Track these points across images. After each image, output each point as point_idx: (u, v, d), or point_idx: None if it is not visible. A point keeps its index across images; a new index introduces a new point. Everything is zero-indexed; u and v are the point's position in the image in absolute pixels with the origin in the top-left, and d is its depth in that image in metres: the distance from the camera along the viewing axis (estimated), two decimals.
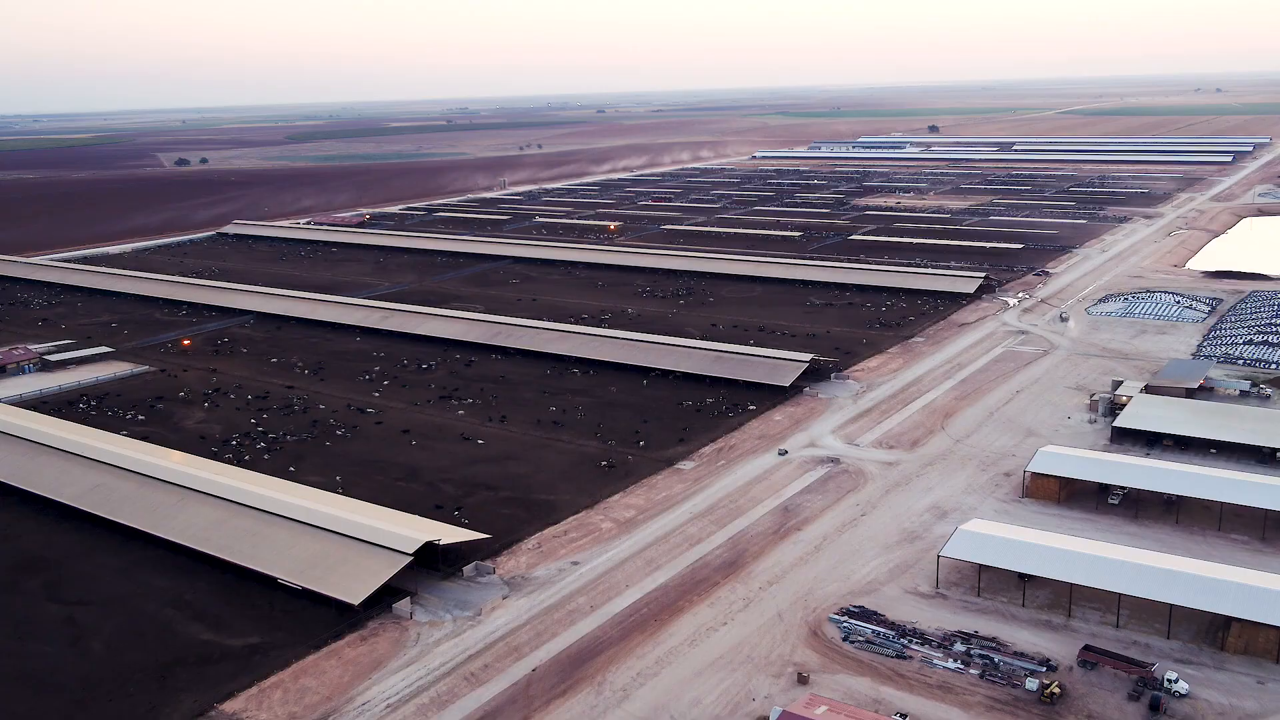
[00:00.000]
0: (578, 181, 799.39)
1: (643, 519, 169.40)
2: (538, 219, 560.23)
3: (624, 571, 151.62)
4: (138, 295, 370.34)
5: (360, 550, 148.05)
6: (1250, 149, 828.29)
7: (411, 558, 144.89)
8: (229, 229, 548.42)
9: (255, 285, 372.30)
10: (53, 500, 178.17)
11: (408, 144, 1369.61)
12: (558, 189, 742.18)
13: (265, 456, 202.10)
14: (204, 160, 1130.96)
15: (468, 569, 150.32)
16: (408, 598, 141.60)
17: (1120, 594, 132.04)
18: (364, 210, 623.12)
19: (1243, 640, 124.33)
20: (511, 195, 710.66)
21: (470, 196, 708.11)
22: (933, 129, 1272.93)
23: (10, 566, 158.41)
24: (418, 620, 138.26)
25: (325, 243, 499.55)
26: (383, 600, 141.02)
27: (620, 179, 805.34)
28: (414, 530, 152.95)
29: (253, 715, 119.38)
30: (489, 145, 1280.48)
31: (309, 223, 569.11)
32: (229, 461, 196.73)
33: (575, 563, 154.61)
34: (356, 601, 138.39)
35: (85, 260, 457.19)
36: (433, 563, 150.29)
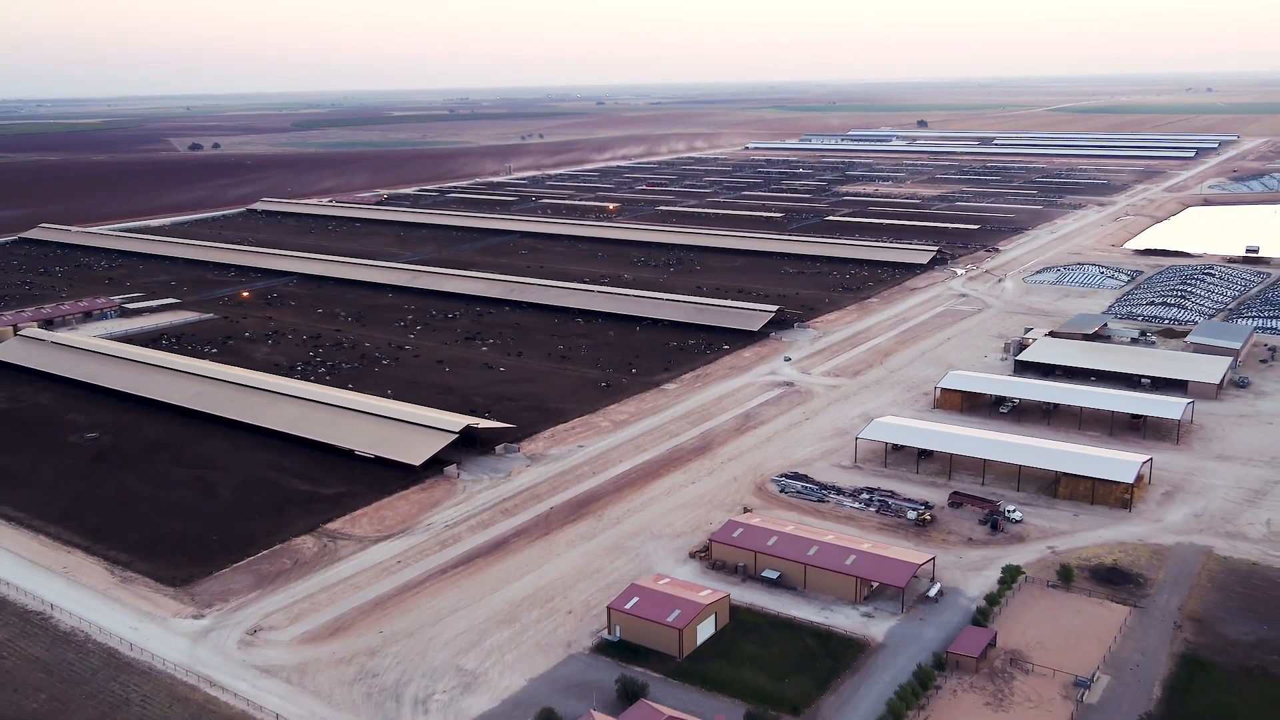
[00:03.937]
0: (579, 168, 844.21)
1: (633, 420, 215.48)
2: (543, 200, 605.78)
3: (618, 452, 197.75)
4: (188, 259, 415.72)
5: (417, 431, 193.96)
6: (1215, 145, 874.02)
7: (457, 435, 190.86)
8: (258, 206, 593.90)
9: (294, 251, 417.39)
10: (164, 403, 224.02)
11: (412, 132, 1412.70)
12: (560, 175, 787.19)
13: (326, 378, 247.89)
14: (216, 145, 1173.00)
15: (498, 448, 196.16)
16: (454, 464, 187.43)
17: (985, 460, 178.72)
18: (381, 191, 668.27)
19: (1068, 490, 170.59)
20: (517, 180, 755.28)
21: (479, 180, 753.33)
22: (921, 124, 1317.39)
23: (143, 447, 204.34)
24: (463, 479, 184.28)
25: (349, 218, 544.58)
26: (434, 467, 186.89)
27: (619, 166, 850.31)
28: (456, 418, 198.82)
29: (349, 530, 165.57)
30: (492, 135, 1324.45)
31: (331, 201, 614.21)
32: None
33: (581, 446, 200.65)
34: (418, 463, 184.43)
35: (129, 232, 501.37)
36: (471, 443, 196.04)
